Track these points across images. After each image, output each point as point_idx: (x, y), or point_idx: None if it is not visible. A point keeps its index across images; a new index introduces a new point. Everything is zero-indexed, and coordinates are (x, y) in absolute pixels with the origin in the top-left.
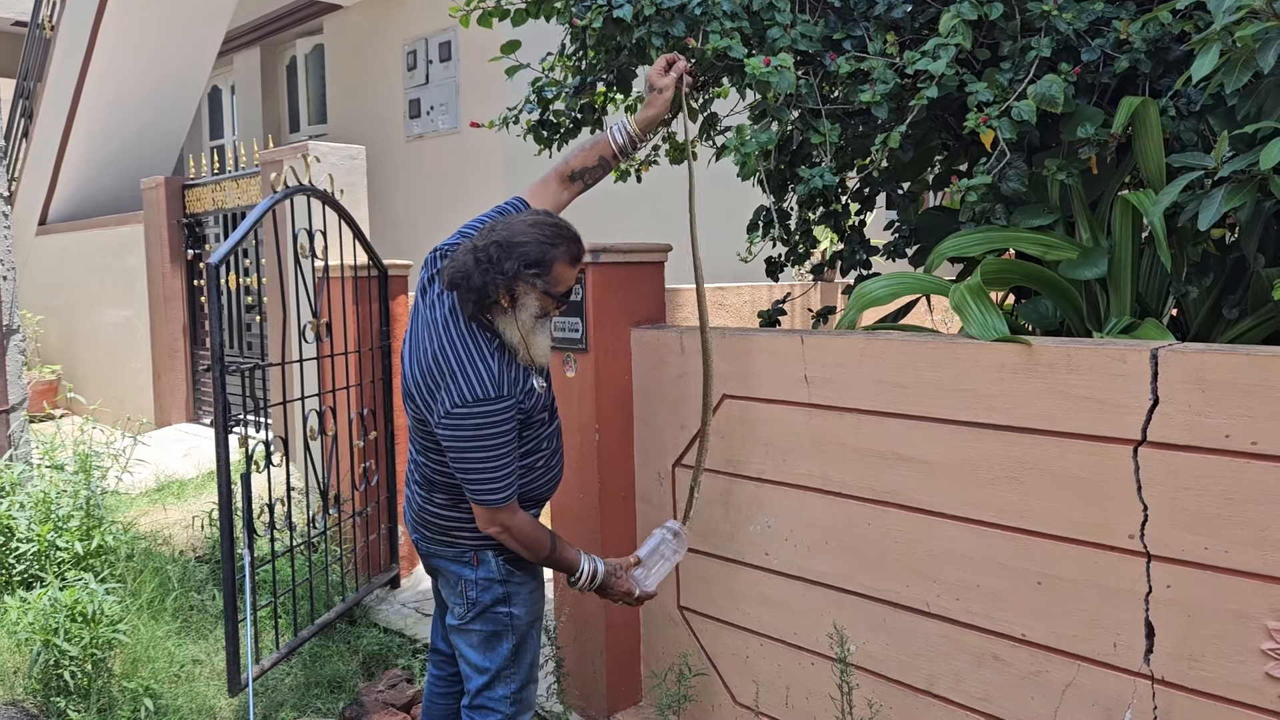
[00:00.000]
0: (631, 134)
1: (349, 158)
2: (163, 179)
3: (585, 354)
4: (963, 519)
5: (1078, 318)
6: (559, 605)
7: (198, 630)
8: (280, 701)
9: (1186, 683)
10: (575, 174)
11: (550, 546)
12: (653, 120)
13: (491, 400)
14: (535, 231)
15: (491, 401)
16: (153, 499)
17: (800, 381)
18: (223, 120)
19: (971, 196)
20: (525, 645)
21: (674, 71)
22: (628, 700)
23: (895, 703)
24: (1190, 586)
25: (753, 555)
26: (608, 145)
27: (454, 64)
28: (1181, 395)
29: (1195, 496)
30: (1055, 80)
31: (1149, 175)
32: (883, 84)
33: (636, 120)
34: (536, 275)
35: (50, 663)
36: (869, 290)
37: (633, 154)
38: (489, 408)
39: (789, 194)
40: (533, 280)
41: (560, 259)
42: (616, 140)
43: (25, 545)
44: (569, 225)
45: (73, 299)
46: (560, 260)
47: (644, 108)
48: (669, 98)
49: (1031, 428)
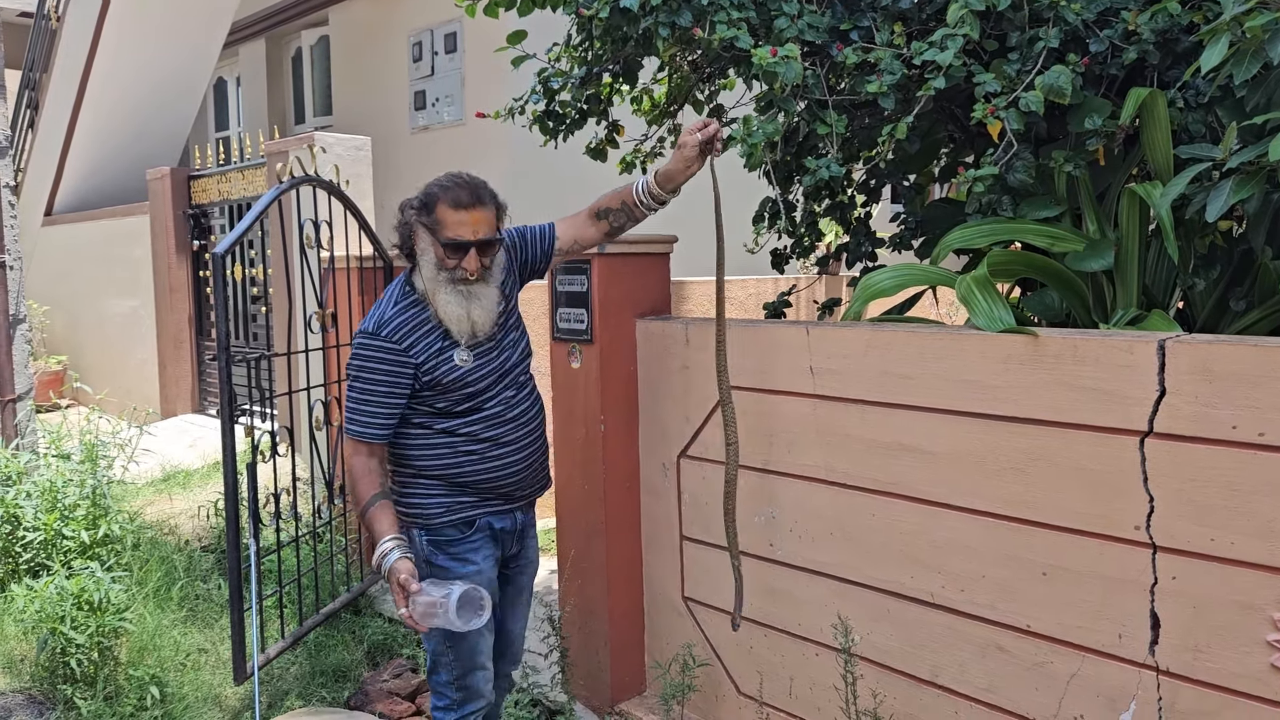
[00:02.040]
0: (650, 187)
1: (355, 149)
2: (168, 170)
3: (590, 345)
4: (968, 510)
5: (1084, 310)
6: (564, 596)
7: (203, 619)
8: (285, 690)
9: (1192, 674)
10: (600, 213)
11: (364, 506)
12: (672, 175)
13: (368, 335)
14: (441, 176)
15: (368, 336)
16: (158, 489)
17: (806, 373)
18: (228, 111)
19: (978, 188)
20: (460, 632)
21: (704, 133)
22: (631, 690)
23: (899, 693)
24: (1196, 578)
25: (757, 546)
26: (630, 192)
27: (459, 55)
28: (1188, 386)
29: (1201, 488)
30: (1063, 71)
31: (1157, 167)
32: (889, 75)
33: (659, 173)
34: (421, 213)
35: (57, 650)
36: (875, 282)
37: (655, 205)
38: (363, 341)
39: (795, 185)
40: (422, 221)
41: (441, 199)
42: (637, 188)
43: (32, 534)
44: (469, 176)
45: (78, 290)
46: (441, 201)
47: (669, 162)
48: (689, 156)
49: (1037, 419)
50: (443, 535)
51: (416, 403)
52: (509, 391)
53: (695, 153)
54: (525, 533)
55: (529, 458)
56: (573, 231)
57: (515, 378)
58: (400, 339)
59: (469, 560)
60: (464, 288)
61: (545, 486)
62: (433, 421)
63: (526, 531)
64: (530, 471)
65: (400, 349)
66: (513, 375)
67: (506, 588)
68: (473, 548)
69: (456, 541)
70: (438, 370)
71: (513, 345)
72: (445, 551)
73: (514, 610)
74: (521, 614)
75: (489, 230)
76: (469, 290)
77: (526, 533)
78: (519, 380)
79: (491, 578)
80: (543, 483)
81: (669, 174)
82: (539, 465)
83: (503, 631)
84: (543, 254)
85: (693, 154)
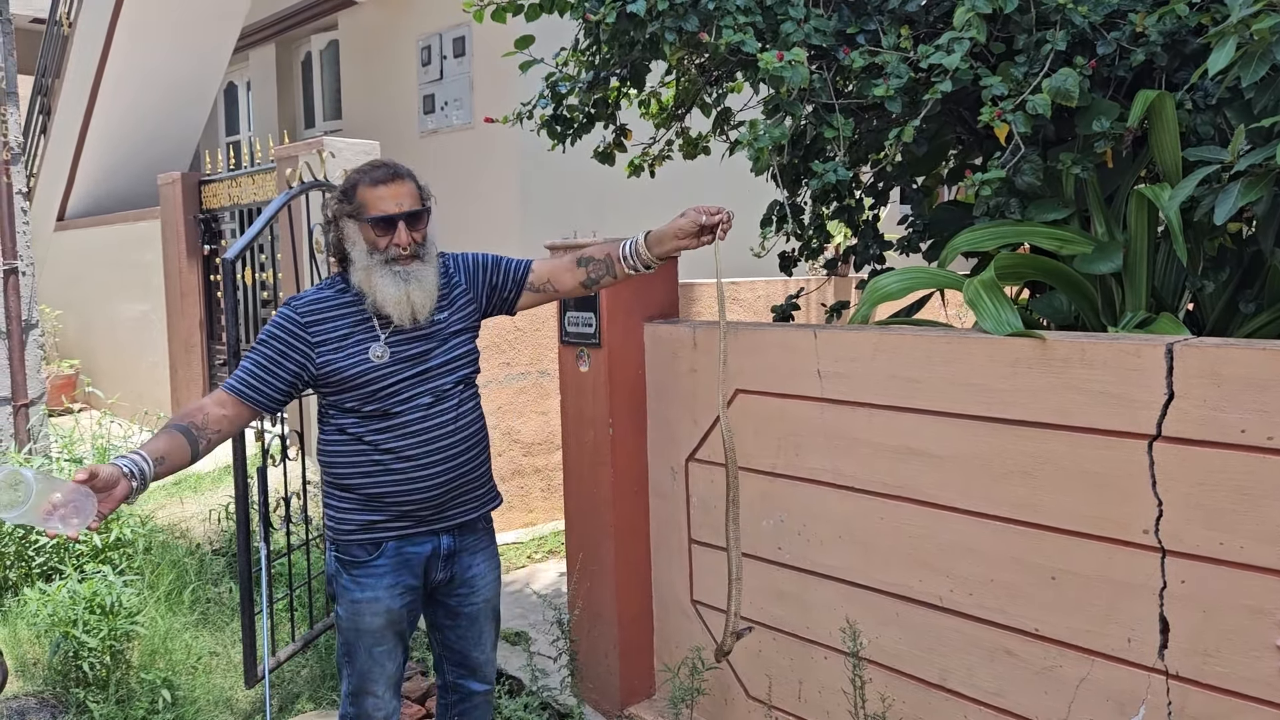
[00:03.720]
0: (639, 248)
1: (364, 153)
2: (179, 175)
3: (598, 348)
4: (976, 514)
5: (1092, 313)
6: (572, 600)
7: (215, 623)
8: (296, 693)
9: (1201, 678)
10: (582, 260)
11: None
12: (662, 240)
13: (284, 304)
14: (354, 170)
15: (283, 305)
16: (170, 493)
17: (813, 376)
18: (238, 116)
19: (986, 190)
20: (353, 649)
21: (708, 219)
22: (640, 694)
23: (908, 697)
24: (1205, 582)
25: (765, 550)
26: (617, 248)
27: (468, 59)
28: (1197, 390)
29: (1210, 492)
30: (1070, 74)
31: (1165, 169)
32: (896, 78)
33: (651, 233)
34: (345, 204)
35: (69, 654)
36: (882, 285)
37: (639, 268)
38: (279, 310)
39: (802, 189)
40: (346, 211)
41: (360, 183)
42: (625, 246)
43: (44, 538)
44: (385, 160)
45: (90, 294)
46: (361, 184)
47: (664, 226)
48: (687, 230)
49: (1045, 422)
50: (349, 554)
51: (327, 396)
52: (425, 399)
53: (694, 230)
54: (456, 559)
55: (446, 476)
56: (548, 272)
57: (438, 386)
58: (306, 314)
59: (365, 585)
60: (400, 268)
61: (479, 509)
62: (347, 425)
63: (458, 558)
64: (448, 493)
65: (300, 323)
66: (434, 382)
67: (453, 618)
68: (377, 573)
69: (361, 563)
70: (339, 359)
71: (444, 352)
72: (348, 572)
73: (470, 637)
74: (484, 640)
75: (414, 202)
76: (406, 271)
77: (458, 559)
78: (441, 389)
79: (391, 607)
80: (473, 505)
81: (660, 238)
82: (462, 487)
83: (467, 659)
84: (513, 284)
85: (691, 229)
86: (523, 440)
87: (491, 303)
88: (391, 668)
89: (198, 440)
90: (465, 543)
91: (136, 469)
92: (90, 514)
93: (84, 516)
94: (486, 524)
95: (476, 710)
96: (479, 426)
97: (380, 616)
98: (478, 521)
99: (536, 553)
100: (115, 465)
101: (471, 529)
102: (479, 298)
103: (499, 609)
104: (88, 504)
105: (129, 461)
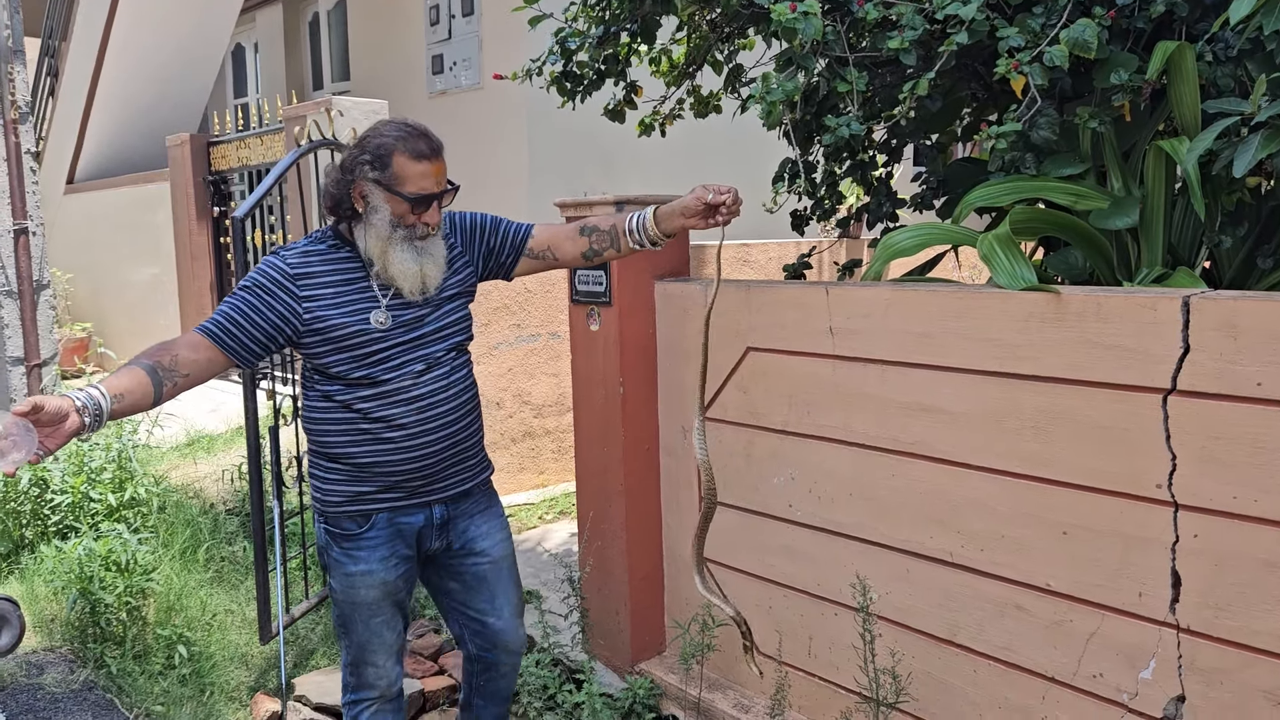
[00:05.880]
0: (646, 223)
1: (372, 112)
2: (187, 136)
3: (609, 307)
4: (987, 469)
5: (1108, 268)
6: (583, 558)
7: (229, 581)
8: (310, 650)
9: (1212, 631)
10: (585, 229)
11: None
12: (670, 215)
13: (272, 253)
14: (383, 127)
15: (271, 253)
16: (183, 453)
17: (825, 333)
18: (246, 78)
19: (1001, 144)
20: (349, 621)
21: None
22: (651, 650)
23: (917, 652)
24: (1218, 535)
25: (776, 507)
26: (623, 219)
27: (476, 18)
28: (1213, 343)
29: (1225, 445)
30: (1089, 25)
31: (1184, 122)
32: (911, 30)
33: (659, 208)
34: (374, 169)
35: (86, 610)
36: (895, 241)
37: (644, 242)
38: (265, 258)
39: (815, 145)
40: (374, 177)
41: (398, 151)
42: (632, 218)
43: (60, 496)
44: (422, 127)
45: (101, 257)
46: (398, 153)
47: (673, 202)
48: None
49: (1059, 377)
50: (339, 527)
51: (312, 360)
52: (417, 365)
53: (700, 209)
54: (451, 525)
55: (438, 446)
56: (549, 238)
57: (430, 353)
58: (295, 267)
59: (358, 558)
60: (420, 243)
61: (471, 480)
62: (333, 392)
63: (454, 524)
64: (440, 464)
65: (289, 274)
66: (426, 349)
67: (459, 580)
68: (369, 545)
69: (352, 536)
70: (333, 316)
71: (438, 318)
72: (339, 545)
73: (480, 602)
74: (498, 604)
75: (445, 178)
76: (424, 245)
77: (453, 525)
78: (434, 356)
79: (387, 579)
80: (466, 475)
81: (668, 214)
82: (455, 457)
83: (485, 627)
84: (511, 248)
85: (698, 208)
86: (534, 402)
87: (488, 266)
88: (391, 636)
89: (163, 381)
90: (460, 509)
91: (91, 401)
92: (31, 448)
93: (24, 451)
94: (484, 488)
95: (503, 679)
96: (472, 395)
97: (375, 589)
98: (473, 489)
99: (548, 514)
100: (67, 396)
101: (467, 495)
102: (475, 260)
103: (515, 574)
104: (28, 438)
105: (84, 395)
